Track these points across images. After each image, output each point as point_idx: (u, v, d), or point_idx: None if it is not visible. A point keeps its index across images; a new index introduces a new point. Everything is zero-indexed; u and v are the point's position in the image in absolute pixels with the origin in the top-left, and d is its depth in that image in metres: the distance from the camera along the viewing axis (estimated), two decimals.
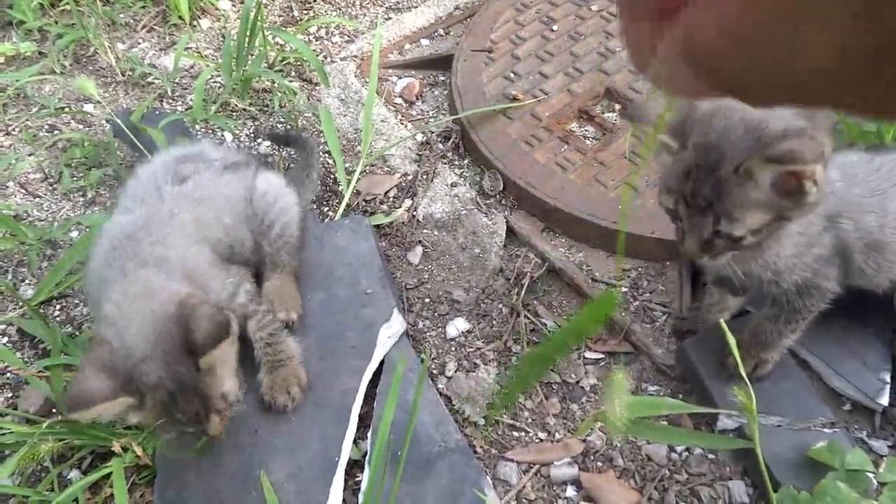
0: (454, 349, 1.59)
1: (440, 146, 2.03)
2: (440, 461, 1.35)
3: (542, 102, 2.00)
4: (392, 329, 1.53)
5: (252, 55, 2.18)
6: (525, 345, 1.58)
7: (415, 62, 2.30)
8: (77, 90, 2.14)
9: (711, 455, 1.40)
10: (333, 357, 1.48)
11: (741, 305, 1.50)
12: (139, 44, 2.44)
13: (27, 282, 1.79)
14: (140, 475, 1.39)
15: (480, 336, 1.62)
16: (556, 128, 1.93)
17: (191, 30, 2.45)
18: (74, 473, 1.43)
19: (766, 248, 1.16)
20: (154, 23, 2.51)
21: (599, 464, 1.41)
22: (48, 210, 1.95)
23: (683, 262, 1.66)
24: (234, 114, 2.17)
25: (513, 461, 1.41)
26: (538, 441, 1.45)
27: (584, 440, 1.43)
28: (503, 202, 1.86)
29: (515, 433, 1.46)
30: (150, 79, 2.29)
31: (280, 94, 2.18)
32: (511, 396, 1.41)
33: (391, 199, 1.91)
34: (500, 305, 1.67)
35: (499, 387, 1.48)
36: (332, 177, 1.97)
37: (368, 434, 1.42)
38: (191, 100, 2.21)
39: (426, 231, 1.82)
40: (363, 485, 1.32)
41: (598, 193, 1.76)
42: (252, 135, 2.12)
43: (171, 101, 2.24)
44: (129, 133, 1.89)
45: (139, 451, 1.33)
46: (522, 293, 1.66)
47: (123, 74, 2.30)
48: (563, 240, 1.78)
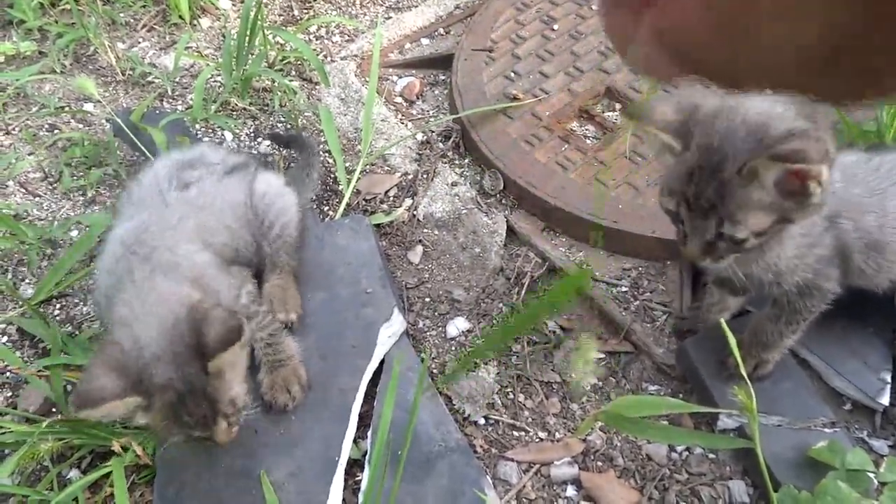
0: (454, 349, 1.59)
1: (440, 145, 2.03)
2: (440, 461, 1.35)
3: (543, 102, 2.00)
4: (392, 328, 1.53)
5: (252, 54, 2.18)
6: (525, 344, 1.58)
7: (415, 61, 2.30)
8: (77, 89, 2.13)
9: (712, 455, 1.40)
10: (334, 356, 1.48)
11: (741, 305, 1.50)
12: (139, 43, 2.44)
13: (27, 281, 1.79)
14: (140, 475, 1.39)
15: (481, 336, 1.62)
16: (557, 127, 1.93)
17: (191, 29, 2.45)
18: (74, 473, 1.43)
19: (768, 250, 1.15)
20: (154, 22, 2.50)
21: (600, 463, 1.40)
22: (48, 209, 1.95)
23: (684, 263, 1.66)
24: (235, 113, 2.17)
25: (513, 461, 1.41)
26: (538, 440, 1.45)
27: (585, 440, 1.43)
28: (503, 201, 1.86)
29: (515, 433, 1.46)
30: (151, 78, 2.29)
31: (280, 94, 2.17)
32: (467, 363, 1.40)
33: (391, 199, 1.91)
34: (501, 305, 1.67)
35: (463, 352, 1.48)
36: (333, 176, 1.97)
37: (368, 433, 1.42)
38: (191, 99, 2.21)
39: (426, 230, 1.82)
40: (363, 484, 1.32)
41: (599, 193, 1.76)
42: (252, 134, 2.12)
43: (172, 101, 2.24)
44: (130, 132, 1.89)
45: (139, 451, 1.33)
46: (523, 293, 1.66)
47: (123, 74, 2.30)
48: (564, 239, 1.78)
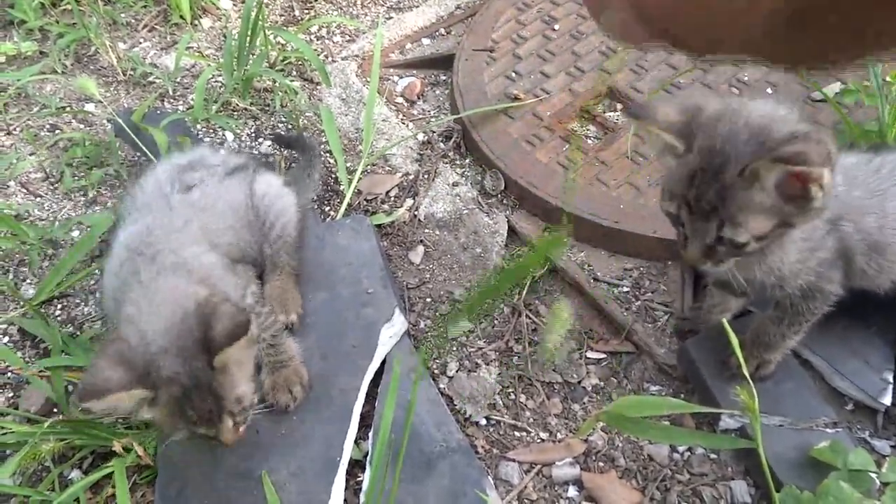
0: (455, 349, 1.59)
1: (441, 146, 2.03)
2: (441, 461, 1.35)
3: (544, 102, 2.00)
4: (393, 329, 1.53)
5: (253, 55, 2.18)
6: (527, 344, 1.58)
7: (416, 61, 2.30)
8: (78, 90, 2.14)
9: (713, 455, 1.40)
10: (335, 356, 1.48)
11: (743, 306, 1.50)
12: (140, 43, 2.44)
13: (28, 281, 1.79)
14: (141, 475, 1.39)
15: (482, 336, 1.61)
16: (558, 127, 1.93)
17: (192, 29, 2.45)
18: (75, 473, 1.43)
19: (770, 254, 1.15)
20: (155, 22, 2.50)
21: (601, 464, 1.40)
22: (49, 209, 1.95)
23: (685, 264, 1.66)
24: (236, 113, 2.17)
25: (514, 461, 1.41)
26: (540, 441, 1.44)
27: (586, 440, 1.43)
28: (505, 202, 1.86)
29: (517, 433, 1.46)
30: (152, 78, 2.29)
31: (281, 94, 2.17)
32: (446, 325, 1.40)
33: (392, 199, 1.91)
34: (502, 305, 1.66)
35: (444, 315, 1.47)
36: (334, 176, 1.97)
37: (370, 434, 1.42)
38: (192, 99, 2.21)
39: (427, 230, 1.82)
40: (365, 484, 1.32)
41: (600, 193, 1.76)
42: (253, 134, 2.12)
43: (173, 101, 2.24)
44: (131, 132, 1.89)
45: (140, 451, 1.33)
46: (524, 293, 1.66)
47: (124, 74, 2.30)
48: (564, 239, 1.77)
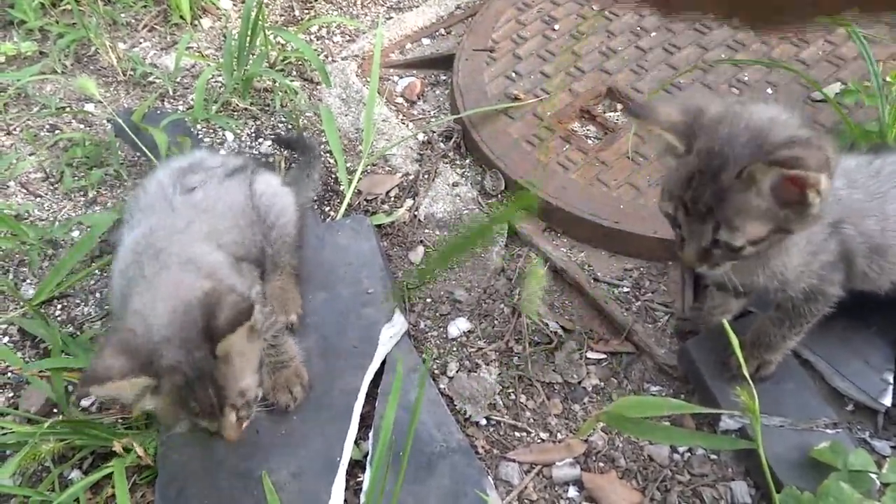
0: (456, 349, 1.59)
1: (441, 146, 2.03)
2: (442, 461, 1.35)
3: (544, 102, 2.00)
4: (394, 329, 1.53)
5: (253, 55, 2.18)
6: (527, 345, 1.58)
7: (416, 62, 2.30)
8: (78, 90, 2.14)
9: (714, 456, 1.40)
10: (335, 357, 1.48)
11: (743, 307, 1.49)
12: (140, 43, 2.44)
13: (28, 281, 1.79)
14: (141, 475, 1.39)
15: (482, 336, 1.61)
16: (558, 127, 1.93)
17: (192, 29, 2.45)
18: (75, 473, 1.43)
19: (773, 259, 1.15)
20: (155, 22, 2.50)
21: (601, 464, 1.40)
22: (49, 210, 1.95)
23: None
24: (236, 113, 2.17)
25: (514, 461, 1.41)
26: (540, 441, 1.44)
27: (586, 440, 1.43)
28: (505, 202, 1.86)
29: (517, 433, 1.46)
30: (152, 78, 2.29)
31: (281, 94, 2.17)
32: (426, 273, 1.38)
33: (392, 199, 1.91)
34: (502, 305, 1.66)
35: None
36: (334, 176, 1.97)
37: (370, 434, 1.42)
38: (192, 99, 2.21)
39: (428, 231, 1.82)
40: (365, 485, 1.32)
41: (600, 193, 1.76)
42: (253, 134, 2.12)
43: (173, 101, 2.24)
44: (131, 133, 1.89)
45: (140, 452, 1.33)
46: (524, 293, 1.66)
47: (124, 74, 2.30)
48: (565, 240, 1.77)
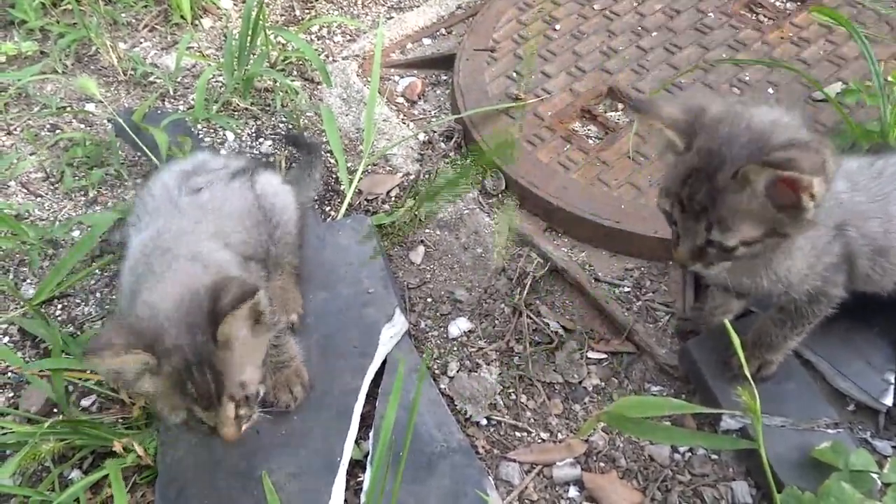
0: (456, 349, 1.59)
1: (442, 145, 2.03)
2: (442, 461, 1.34)
3: (545, 102, 1.99)
4: (394, 329, 1.53)
5: (254, 54, 2.18)
6: (527, 344, 1.58)
7: (417, 61, 2.30)
8: (79, 89, 2.14)
9: (715, 456, 1.40)
10: (335, 356, 1.48)
11: (744, 307, 1.49)
12: (141, 43, 2.44)
13: (28, 281, 1.79)
14: (141, 475, 1.39)
15: (483, 336, 1.61)
16: (559, 127, 1.93)
17: (192, 29, 2.45)
18: (75, 473, 1.43)
19: (777, 263, 1.15)
20: (156, 22, 2.50)
21: (602, 464, 1.40)
22: (49, 209, 1.95)
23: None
24: (236, 113, 2.17)
25: (515, 461, 1.41)
26: (540, 441, 1.44)
27: (587, 440, 1.43)
28: (506, 202, 1.86)
29: (518, 433, 1.45)
30: (152, 78, 2.28)
31: (282, 94, 2.17)
32: (407, 216, 1.37)
33: (393, 199, 1.91)
34: (503, 305, 1.66)
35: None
36: (334, 176, 1.96)
37: (370, 434, 1.42)
38: (192, 99, 2.21)
39: (428, 230, 1.82)
40: (365, 485, 1.32)
41: (601, 193, 1.75)
42: (254, 134, 2.12)
43: (173, 101, 2.24)
44: (131, 132, 1.89)
45: (140, 451, 1.33)
46: (525, 293, 1.66)
47: (125, 74, 2.30)
48: (566, 239, 1.77)
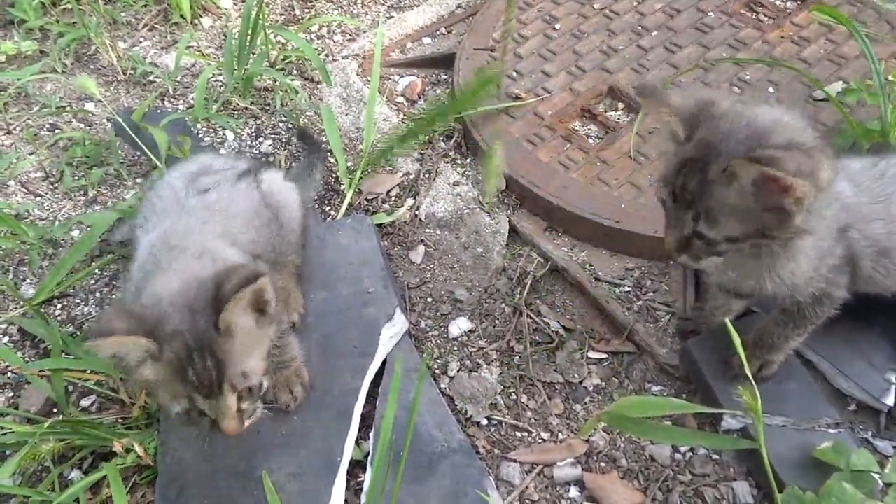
0: (457, 349, 1.59)
1: (442, 145, 2.02)
2: (443, 461, 1.34)
3: (545, 101, 1.99)
4: (394, 328, 1.52)
5: (254, 54, 2.17)
6: (528, 344, 1.57)
7: (417, 61, 2.29)
8: (78, 89, 2.13)
9: (716, 455, 1.40)
10: (336, 356, 1.48)
11: (745, 307, 1.49)
12: (140, 42, 2.43)
13: (28, 281, 1.79)
14: (141, 475, 1.39)
15: (483, 335, 1.61)
16: (559, 126, 1.92)
17: (192, 28, 2.44)
18: (75, 473, 1.43)
19: (781, 267, 1.15)
20: (155, 21, 2.50)
21: (603, 464, 1.40)
22: (49, 209, 1.95)
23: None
24: (236, 112, 2.16)
25: (516, 461, 1.41)
26: (541, 441, 1.44)
27: (588, 441, 1.43)
28: (506, 201, 1.86)
29: (518, 433, 1.45)
30: (152, 77, 2.28)
31: (282, 93, 2.17)
32: (386, 152, 1.35)
33: (393, 199, 1.91)
34: (503, 305, 1.66)
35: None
36: (334, 176, 1.96)
37: (371, 434, 1.41)
38: (192, 98, 2.21)
39: (428, 230, 1.82)
40: (366, 485, 1.32)
41: (602, 192, 1.75)
42: (253, 133, 2.11)
43: (173, 100, 2.24)
44: (131, 132, 1.89)
45: (140, 451, 1.33)
46: (525, 293, 1.65)
47: (125, 73, 2.30)
48: (566, 239, 1.77)
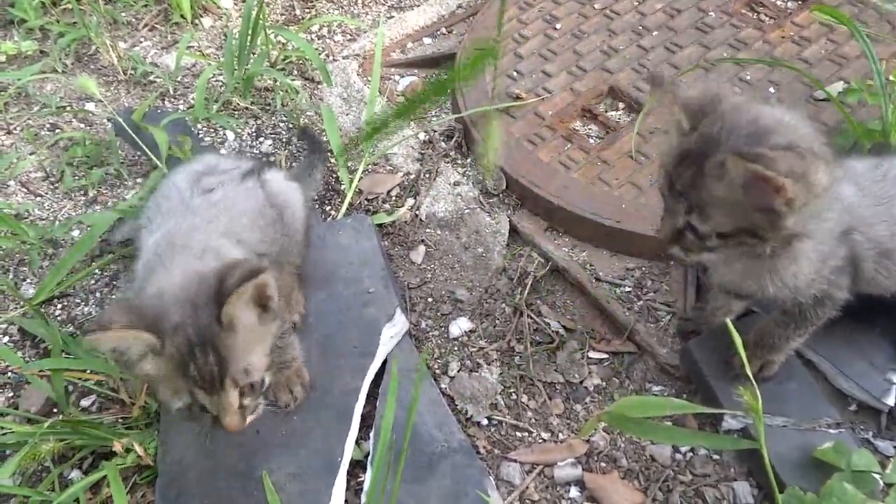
0: (457, 349, 1.59)
1: (443, 145, 2.02)
2: (443, 461, 1.34)
3: (546, 101, 1.99)
4: (395, 328, 1.52)
5: (254, 54, 2.17)
6: (528, 344, 1.57)
7: (417, 61, 2.29)
8: (79, 89, 2.13)
9: (716, 456, 1.39)
10: (336, 356, 1.48)
11: (746, 307, 1.49)
12: (141, 42, 2.43)
13: (28, 281, 1.79)
14: (142, 475, 1.39)
15: (483, 336, 1.61)
16: (560, 126, 1.92)
17: (192, 28, 2.44)
18: (75, 473, 1.43)
19: (783, 268, 1.15)
20: (156, 21, 2.50)
21: (603, 464, 1.40)
22: (49, 209, 1.95)
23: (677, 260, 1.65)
24: (236, 112, 2.16)
25: (516, 461, 1.41)
26: (541, 441, 1.44)
27: (588, 441, 1.43)
28: (506, 201, 1.86)
29: (518, 433, 1.45)
30: (152, 77, 2.28)
31: (282, 93, 2.17)
32: (375, 131, 1.34)
33: (393, 199, 1.91)
34: (504, 305, 1.66)
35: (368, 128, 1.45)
36: (335, 175, 1.96)
37: (371, 434, 1.41)
38: (192, 98, 2.21)
39: (429, 230, 1.81)
40: (366, 485, 1.32)
41: (602, 192, 1.75)
42: (254, 133, 2.11)
43: (173, 100, 2.24)
44: (131, 132, 1.89)
45: (140, 451, 1.33)
46: (525, 293, 1.65)
47: (125, 73, 2.30)
48: (567, 239, 1.77)
